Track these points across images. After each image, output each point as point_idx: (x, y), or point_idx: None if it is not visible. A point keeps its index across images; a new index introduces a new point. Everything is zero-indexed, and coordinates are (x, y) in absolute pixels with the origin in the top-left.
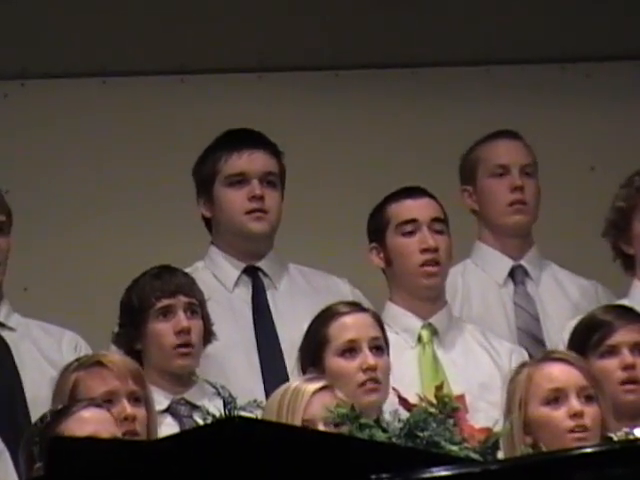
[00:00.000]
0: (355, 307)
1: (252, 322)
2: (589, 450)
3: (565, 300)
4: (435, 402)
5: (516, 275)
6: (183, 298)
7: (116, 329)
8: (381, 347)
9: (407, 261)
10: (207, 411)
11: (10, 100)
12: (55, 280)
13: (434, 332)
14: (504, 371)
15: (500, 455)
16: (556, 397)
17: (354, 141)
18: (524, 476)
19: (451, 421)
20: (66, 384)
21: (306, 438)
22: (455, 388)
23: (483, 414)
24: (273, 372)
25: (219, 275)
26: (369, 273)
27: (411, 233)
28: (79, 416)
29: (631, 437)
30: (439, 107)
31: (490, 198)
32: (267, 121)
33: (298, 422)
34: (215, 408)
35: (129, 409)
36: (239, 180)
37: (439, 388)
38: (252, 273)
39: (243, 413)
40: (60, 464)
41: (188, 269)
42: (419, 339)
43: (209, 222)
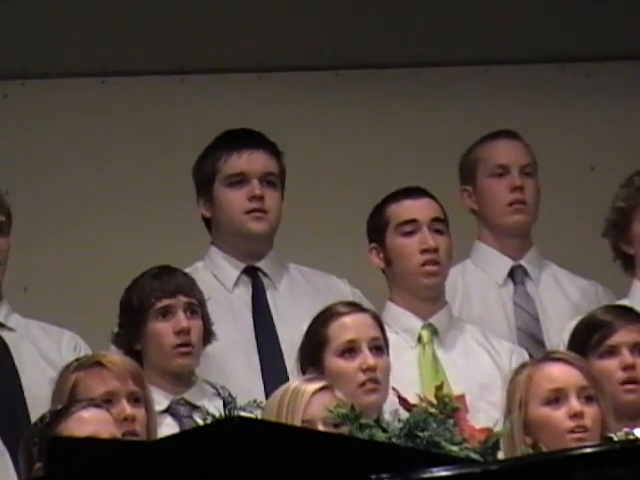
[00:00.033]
0: (355, 307)
1: (252, 322)
2: (589, 450)
3: (565, 300)
4: (435, 402)
5: (516, 275)
6: (183, 298)
7: (116, 329)
8: (381, 347)
9: (407, 261)
10: (207, 411)
11: (10, 100)
12: (55, 280)
13: (434, 332)
14: (504, 371)
15: (500, 455)
16: (556, 397)
17: (354, 141)
18: (524, 476)
19: (451, 421)
20: (66, 384)
21: (306, 438)
22: (455, 388)
23: (483, 414)
24: (273, 372)
25: (219, 275)
26: (369, 273)
27: (411, 233)
28: (79, 416)
29: (631, 437)
30: (439, 107)
31: (490, 198)
32: (267, 121)
33: (298, 422)
34: (215, 408)
35: (129, 409)
36: (239, 180)
37: (439, 388)
38: (252, 273)
39: (243, 413)
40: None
41: (188, 269)
42: (419, 339)
43: (209, 222)
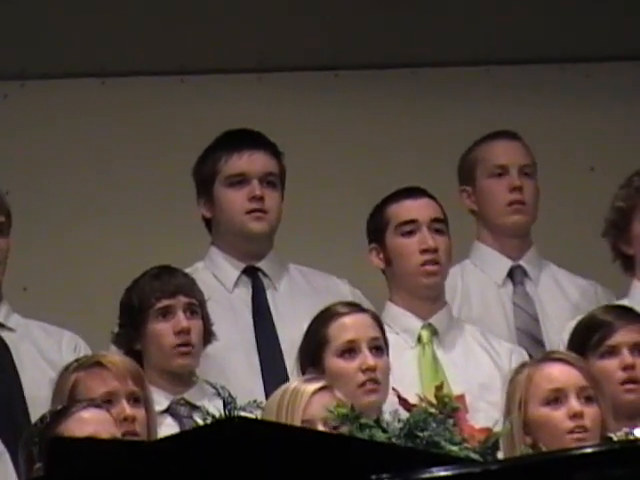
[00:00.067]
0: (354, 307)
1: (252, 322)
2: (589, 450)
3: (564, 300)
4: (435, 402)
5: (515, 275)
6: (183, 298)
7: (116, 329)
8: (380, 347)
9: (407, 261)
10: (207, 411)
11: (10, 100)
12: (55, 280)
13: (434, 332)
14: (504, 371)
15: (500, 455)
16: (556, 397)
17: (354, 141)
18: (524, 476)
19: (451, 421)
20: (66, 385)
21: (306, 438)
22: (455, 388)
23: (483, 414)
24: (273, 372)
25: (219, 275)
26: (369, 273)
27: (411, 233)
28: (79, 417)
29: (631, 437)
30: (439, 107)
31: (489, 198)
32: (267, 121)
33: (297, 422)
34: (215, 408)
35: (129, 410)
36: (239, 180)
37: (439, 388)
38: (252, 273)
39: (243, 413)
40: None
41: (188, 269)
42: (419, 339)
43: (209, 222)
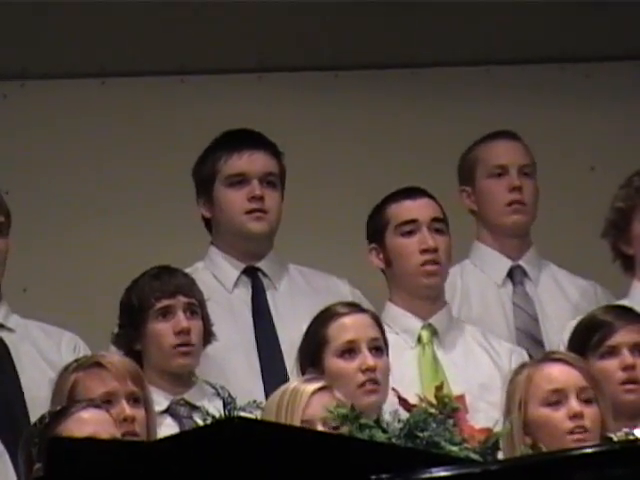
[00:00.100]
0: (354, 308)
1: (252, 323)
2: (589, 450)
3: (564, 300)
4: (435, 402)
5: (515, 275)
6: (183, 298)
7: (116, 330)
8: (380, 348)
9: (407, 261)
10: (207, 412)
11: (10, 101)
12: (54, 281)
13: (434, 332)
14: (504, 372)
15: (500, 456)
16: (556, 398)
17: (354, 141)
18: (524, 476)
19: (451, 421)
20: (65, 385)
21: (306, 438)
22: (455, 388)
23: (483, 414)
24: (273, 373)
25: (219, 275)
26: (369, 273)
27: (410, 233)
28: (78, 417)
29: (631, 437)
30: (439, 107)
31: (489, 198)
32: (267, 121)
33: (297, 422)
34: (215, 409)
35: (128, 410)
36: (239, 180)
37: (439, 388)
38: (252, 273)
39: (243, 414)
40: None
41: (188, 269)
42: (419, 339)
43: (209, 222)
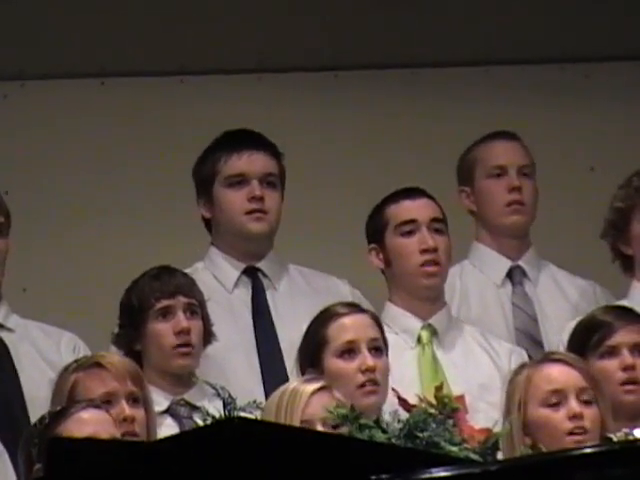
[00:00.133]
0: (354, 308)
1: (252, 323)
2: (589, 451)
3: (563, 301)
4: (435, 403)
5: (514, 276)
6: (183, 299)
7: (116, 330)
8: (380, 348)
9: (407, 261)
10: (207, 412)
11: (9, 101)
12: (54, 281)
13: (434, 333)
14: (504, 372)
15: (500, 456)
16: (555, 399)
17: (354, 142)
18: (524, 477)
19: (451, 422)
20: (65, 385)
21: (306, 439)
22: (455, 389)
23: (483, 415)
24: (273, 373)
25: (219, 276)
26: (369, 274)
27: (410, 233)
28: (78, 417)
29: (631, 438)
30: (439, 108)
31: (488, 199)
32: (267, 122)
33: (296, 423)
34: (215, 409)
35: (128, 410)
36: (239, 181)
37: (439, 389)
38: (252, 274)
39: (243, 414)
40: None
41: (188, 270)
42: (419, 340)
43: (209, 223)
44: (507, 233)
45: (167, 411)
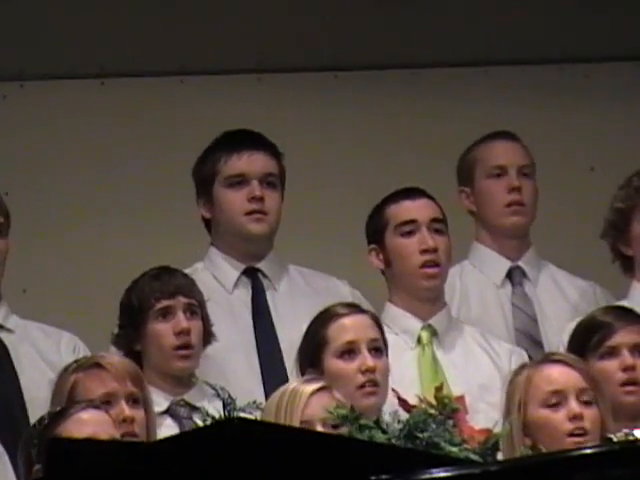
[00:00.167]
0: (354, 308)
1: (252, 323)
2: (589, 451)
3: (563, 301)
4: (435, 403)
5: (514, 276)
6: (182, 299)
7: (116, 330)
8: (380, 349)
9: (407, 262)
10: (207, 412)
11: (9, 101)
12: (54, 281)
13: (434, 333)
14: (504, 372)
15: (500, 456)
16: (555, 399)
17: (354, 142)
18: (524, 477)
19: (451, 422)
20: (65, 386)
21: (306, 439)
22: (455, 389)
23: (483, 415)
24: (273, 373)
25: (219, 276)
26: (369, 274)
27: (410, 234)
28: (77, 418)
29: (631, 438)
30: (439, 108)
31: (488, 199)
32: (266, 122)
33: (296, 423)
34: (215, 409)
35: (127, 411)
36: (239, 181)
37: (439, 389)
38: (252, 274)
39: (242, 414)
40: (59, 466)
41: (188, 270)
42: (419, 340)
43: (209, 223)
44: (507, 233)
45: (167, 412)
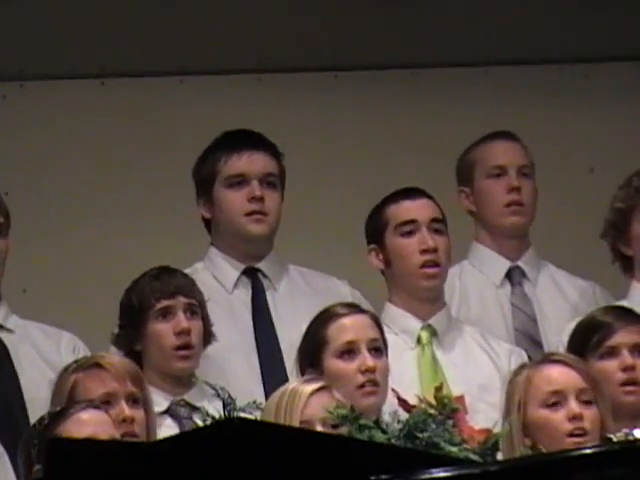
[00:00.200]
0: (354, 308)
1: (252, 323)
2: (589, 451)
3: (563, 301)
4: (434, 403)
5: (513, 276)
6: (183, 299)
7: (116, 330)
8: (380, 349)
9: (406, 262)
10: (207, 412)
11: (9, 101)
12: (54, 282)
13: (433, 333)
14: (503, 372)
15: (499, 456)
16: (555, 399)
17: (354, 142)
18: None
19: (450, 422)
20: (65, 386)
21: (305, 439)
22: (454, 389)
23: (482, 415)
24: (273, 373)
25: (219, 276)
26: (369, 274)
27: (410, 234)
28: (77, 418)
29: (630, 438)
30: (439, 108)
31: (487, 199)
32: (266, 122)
33: (296, 423)
34: (215, 409)
35: (127, 411)
36: (239, 181)
37: (438, 389)
38: (252, 274)
39: (242, 414)
40: (59, 466)
41: (188, 270)
42: (418, 340)
43: (209, 223)
44: (506, 233)
45: (167, 411)
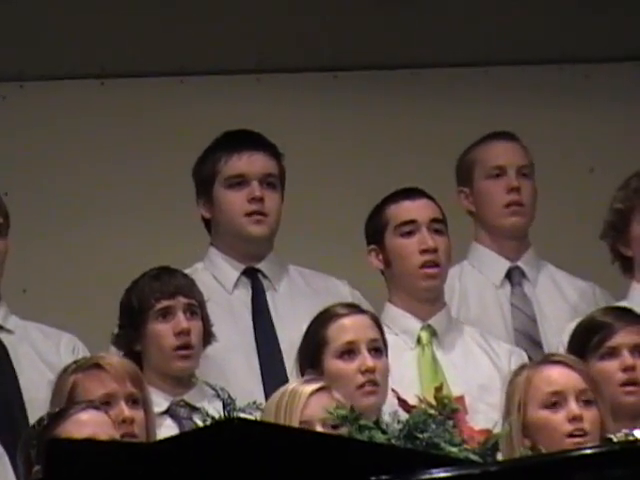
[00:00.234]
0: (354, 309)
1: (251, 324)
2: (589, 451)
3: (562, 301)
4: (434, 403)
5: (513, 276)
6: (182, 299)
7: (116, 330)
8: (380, 349)
9: (406, 262)
10: (206, 413)
11: (9, 102)
12: (54, 282)
13: (433, 333)
14: (503, 373)
15: (499, 457)
16: (555, 400)
17: (354, 142)
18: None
19: (450, 422)
20: (64, 386)
21: (305, 440)
22: (454, 389)
23: (482, 415)
24: (273, 374)
25: (218, 276)
26: (368, 274)
27: (410, 234)
28: (77, 418)
29: (631, 438)
30: (438, 108)
31: (487, 199)
32: (266, 122)
33: (295, 423)
34: (214, 410)
35: (127, 411)
36: (239, 182)
37: (438, 389)
38: (251, 274)
39: (242, 415)
40: (58, 467)
41: (187, 270)
42: (418, 340)
43: (208, 223)
44: (506, 234)
45: (167, 412)
